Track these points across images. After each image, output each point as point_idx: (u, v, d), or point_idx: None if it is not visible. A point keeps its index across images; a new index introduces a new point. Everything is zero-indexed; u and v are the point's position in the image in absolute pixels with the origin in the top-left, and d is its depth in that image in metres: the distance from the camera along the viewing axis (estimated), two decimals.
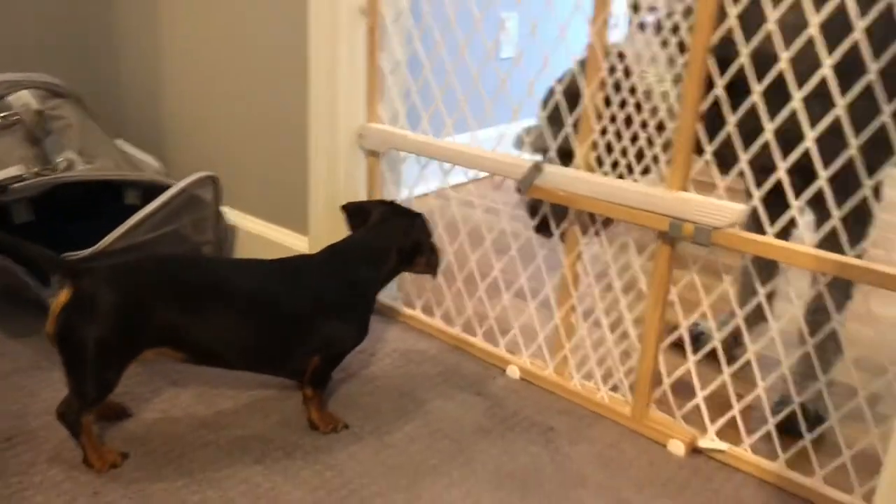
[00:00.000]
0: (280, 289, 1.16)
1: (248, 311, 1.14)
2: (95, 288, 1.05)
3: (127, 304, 1.06)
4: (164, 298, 1.09)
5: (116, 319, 1.05)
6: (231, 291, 1.14)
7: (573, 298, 1.32)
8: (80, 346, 1.05)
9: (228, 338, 1.13)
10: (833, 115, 0.99)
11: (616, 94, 1.18)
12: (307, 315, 1.16)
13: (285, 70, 1.55)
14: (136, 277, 1.10)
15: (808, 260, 1.02)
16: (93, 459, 1.09)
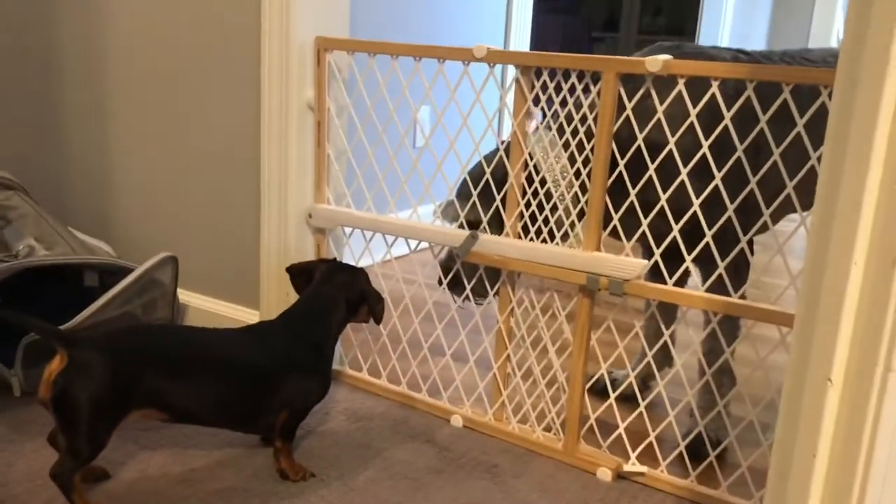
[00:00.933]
0: (250, 352, 1.31)
1: (225, 373, 1.27)
2: (89, 354, 1.17)
3: (117, 367, 1.18)
4: (150, 363, 1.21)
5: (108, 382, 1.17)
6: (209, 357, 1.28)
7: (508, 350, 1.51)
8: (75, 407, 1.15)
9: (208, 398, 1.26)
10: (712, 185, 1.24)
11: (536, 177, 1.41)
12: (275, 374, 1.30)
13: (238, 158, 1.71)
14: (125, 344, 1.23)
15: (701, 301, 1.25)
16: None
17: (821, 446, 0.83)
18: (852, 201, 0.78)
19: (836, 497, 0.82)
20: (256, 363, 1.30)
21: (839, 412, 0.82)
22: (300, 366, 1.33)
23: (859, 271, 0.79)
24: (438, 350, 1.67)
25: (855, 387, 0.80)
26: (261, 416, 1.31)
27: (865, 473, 0.79)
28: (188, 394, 1.25)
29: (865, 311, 0.79)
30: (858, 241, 0.78)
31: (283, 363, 1.31)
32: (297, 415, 1.34)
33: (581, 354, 1.39)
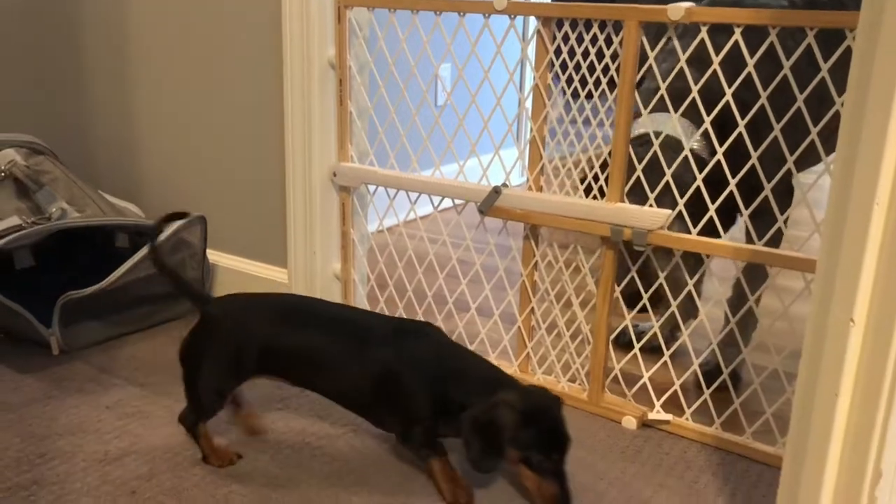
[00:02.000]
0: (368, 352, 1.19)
1: (341, 363, 1.20)
2: (217, 314, 1.22)
3: (241, 332, 1.21)
4: (274, 334, 1.21)
5: (228, 344, 1.21)
6: (333, 338, 1.21)
7: (532, 304, 1.52)
8: (193, 361, 1.22)
9: (326, 381, 1.23)
10: (770, 136, 1.23)
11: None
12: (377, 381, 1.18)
13: (263, 118, 1.73)
14: (256, 310, 1.24)
15: (727, 250, 1.25)
16: (212, 459, 1.25)
17: (843, 386, 0.84)
18: (875, 143, 0.78)
19: (858, 436, 0.83)
20: (368, 363, 1.19)
21: (861, 352, 0.82)
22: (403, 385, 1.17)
23: (882, 211, 0.79)
24: (463, 306, 1.69)
25: (877, 326, 0.80)
26: (371, 413, 1.24)
27: (887, 412, 0.80)
28: (306, 371, 1.23)
29: (888, 249, 0.79)
30: (881, 182, 0.78)
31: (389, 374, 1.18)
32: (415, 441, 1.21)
33: (605, 307, 1.40)
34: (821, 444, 0.87)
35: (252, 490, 1.20)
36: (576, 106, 1.46)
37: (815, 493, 0.88)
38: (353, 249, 1.73)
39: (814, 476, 0.88)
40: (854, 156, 0.81)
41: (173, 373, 1.53)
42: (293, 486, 1.21)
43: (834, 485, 0.87)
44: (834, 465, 0.86)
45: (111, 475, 1.23)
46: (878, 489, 0.82)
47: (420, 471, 1.25)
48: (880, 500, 0.82)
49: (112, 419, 1.39)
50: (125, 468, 1.25)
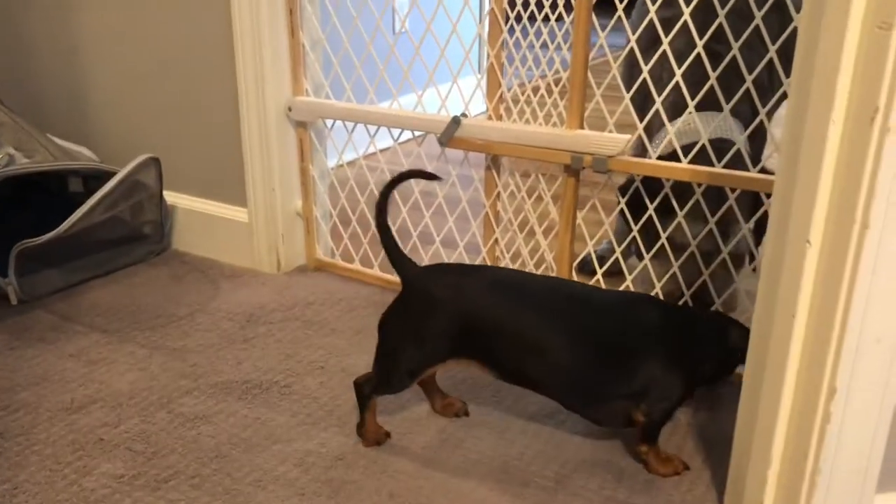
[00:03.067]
0: (608, 319, 1.09)
1: (570, 338, 1.07)
2: (420, 288, 1.10)
3: (445, 309, 1.08)
4: (484, 312, 1.07)
5: (430, 322, 1.08)
6: (556, 314, 1.08)
7: (496, 234, 1.52)
8: (388, 334, 1.12)
9: (543, 365, 1.08)
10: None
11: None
12: (632, 352, 1.07)
13: (211, 52, 1.67)
14: (462, 284, 1.09)
15: (685, 173, 1.25)
16: (366, 432, 1.16)
17: (800, 307, 0.85)
18: (830, 58, 0.77)
19: (814, 355, 0.85)
20: (613, 333, 1.08)
21: (817, 272, 0.83)
22: (665, 353, 1.07)
23: (837, 130, 0.78)
24: (428, 238, 1.69)
25: (832, 246, 0.81)
26: (605, 402, 1.08)
27: (841, 331, 0.81)
28: (521, 355, 1.08)
29: (843, 169, 0.79)
30: (837, 99, 0.77)
31: (643, 341, 1.08)
32: (657, 419, 1.09)
33: (567, 234, 1.40)
34: (779, 362, 0.89)
35: (221, 430, 1.20)
36: (532, 30, 1.42)
37: (773, 409, 0.90)
38: (314, 186, 1.70)
39: (772, 393, 0.90)
40: (810, 73, 0.80)
41: (136, 317, 1.53)
42: (261, 426, 1.22)
43: (791, 401, 0.89)
44: (791, 383, 0.88)
45: (77, 424, 1.22)
46: (832, 404, 0.83)
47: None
48: (834, 414, 0.84)
49: (76, 367, 1.37)
50: (91, 416, 1.24)
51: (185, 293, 1.64)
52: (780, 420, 0.90)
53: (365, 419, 1.17)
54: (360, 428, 1.18)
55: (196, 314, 1.56)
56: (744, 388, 1.00)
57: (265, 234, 1.71)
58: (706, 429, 1.21)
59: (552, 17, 1.39)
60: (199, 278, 1.72)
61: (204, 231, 1.81)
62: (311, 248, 1.75)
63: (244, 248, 1.75)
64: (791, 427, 0.89)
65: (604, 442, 1.18)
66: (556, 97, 1.39)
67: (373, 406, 1.16)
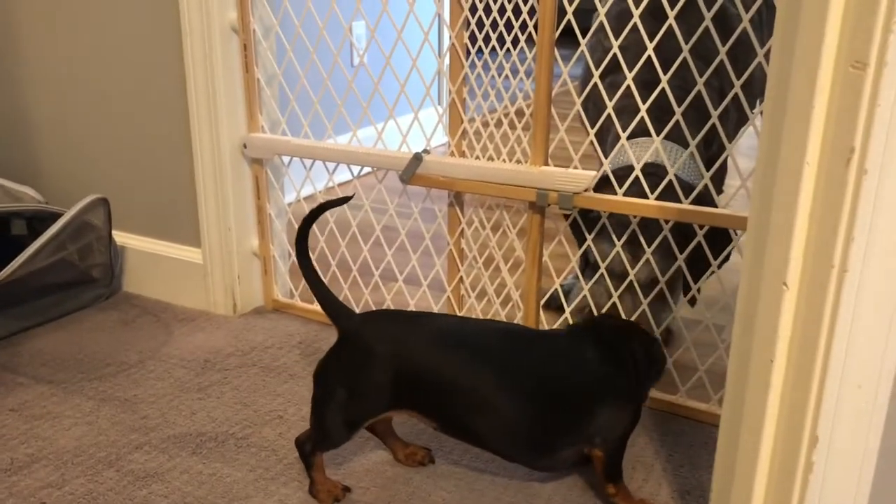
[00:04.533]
0: (559, 363, 1.06)
1: (516, 386, 1.03)
2: (356, 338, 1.05)
3: (382, 361, 1.03)
4: (423, 365, 1.04)
5: (367, 373, 1.04)
6: (504, 362, 1.04)
7: (461, 272, 1.48)
8: (324, 387, 1.06)
9: (493, 416, 1.03)
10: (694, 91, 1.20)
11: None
12: (588, 396, 1.04)
13: (162, 88, 1.61)
14: (401, 333, 1.06)
15: (654, 210, 1.22)
16: (320, 493, 1.10)
17: (778, 351, 0.82)
18: (803, 98, 0.75)
19: (794, 402, 0.81)
20: (568, 377, 1.05)
21: (795, 316, 0.80)
22: (612, 387, 1.05)
23: (812, 172, 0.76)
24: (390, 276, 1.64)
25: (811, 290, 0.78)
26: (557, 450, 1.06)
27: (822, 376, 0.78)
28: (460, 407, 1.03)
29: (819, 212, 0.76)
30: (811, 141, 0.75)
31: (589, 383, 1.05)
32: (615, 449, 1.06)
33: (534, 271, 1.37)
34: (757, 409, 0.85)
35: (173, 489, 1.14)
36: (495, 65, 1.40)
37: (752, 458, 0.87)
38: (271, 224, 1.65)
39: (751, 441, 0.87)
40: (782, 112, 0.78)
41: (83, 366, 1.45)
42: (217, 482, 1.15)
43: (771, 450, 0.85)
44: (770, 431, 0.85)
45: (18, 485, 1.14)
46: (815, 453, 0.80)
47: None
48: (817, 464, 0.81)
49: (17, 423, 1.29)
50: (33, 476, 1.16)
51: (136, 339, 1.57)
52: (759, 469, 0.86)
53: (314, 479, 1.11)
54: (312, 488, 1.12)
55: (147, 361, 1.48)
56: (721, 436, 0.97)
57: (220, 274, 1.65)
58: (681, 477, 1.17)
59: (513, 51, 1.37)
60: (151, 322, 1.64)
61: (156, 273, 1.74)
62: (269, 288, 1.69)
63: (198, 289, 1.68)
64: (771, 477, 0.86)
65: (576, 491, 1.14)
66: (519, 132, 1.36)
67: (319, 463, 1.11)
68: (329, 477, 1.13)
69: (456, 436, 1.10)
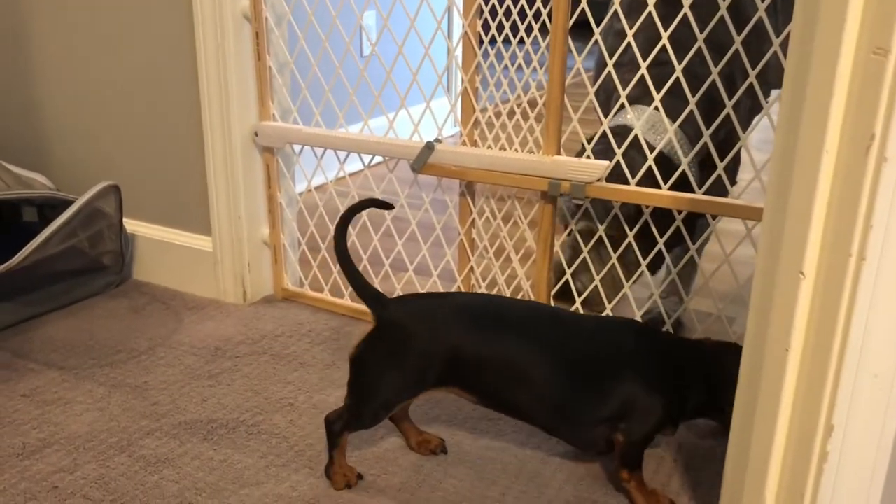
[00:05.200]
0: (584, 341, 1.08)
1: (545, 363, 1.05)
2: (395, 320, 1.07)
3: (423, 341, 1.06)
4: (463, 340, 1.05)
5: (408, 355, 1.06)
6: (530, 337, 1.07)
7: (471, 262, 1.47)
8: (362, 369, 1.07)
9: (521, 391, 1.06)
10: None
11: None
12: (610, 375, 1.06)
13: (174, 76, 1.61)
14: (438, 315, 1.07)
15: (668, 200, 1.22)
16: (334, 473, 1.11)
17: (794, 341, 0.81)
18: (823, 84, 0.74)
19: (809, 391, 0.81)
20: (591, 356, 1.07)
21: (812, 305, 0.80)
22: (645, 375, 1.06)
23: (831, 160, 0.75)
24: (400, 266, 1.64)
25: (828, 278, 0.78)
26: (586, 426, 1.07)
27: (839, 365, 0.78)
28: (499, 382, 1.06)
29: (837, 199, 0.76)
30: (830, 128, 0.74)
31: (623, 364, 1.07)
32: (636, 440, 1.06)
33: (545, 262, 1.36)
34: (772, 398, 0.85)
35: (184, 474, 1.14)
36: (508, 54, 1.39)
37: (766, 447, 0.87)
38: (281, 213, 1.65)
39: (765, 430, 0.87)
40: (801, 100, 0.78)
41: (94, 353, 1.45)
42: (227, 468, 1.15)
43: (785, 439, 0.85)
44: (785, 420, 0.84)
45: (30, 470, 1.14)
46: (829, 443, 0.80)
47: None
48: (832, 454, 0.80)
49: (29, 408, 1.30)
50: (45, 461, 1.17)
51: (147, 326, 1.57)
52: (773, 459, 0.86)
53: (334, 459, 1.11)
54: (329, 468, 1.12)
55: (158, 349, 1.49)
56: (734, 425, 0.96)
57: (230, 263, 1.65)
58: (694, 466, 1.17)
59: (527, 40, 1.36)
60: (161, 310, 1.64)
61: (166, 261, 1.74)
62: (279, 277, 1.69)
63: (208, 278, 1.69)
64: (785, 466, 0.86)
65: (587, 481, 1.14)
66: (532, 122, 1.36)
67: (343, 444, 1.11)
68: (347, 463, 1.13)
69: (496, 408, 1.11)
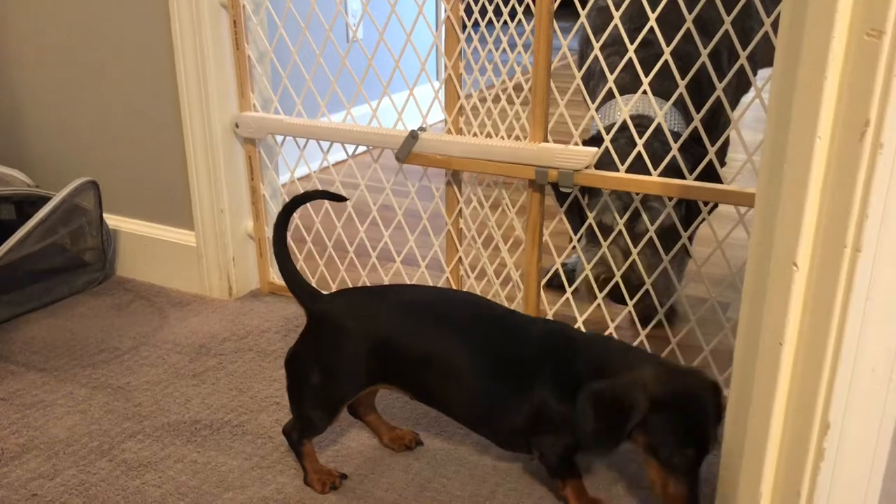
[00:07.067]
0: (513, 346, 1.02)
1: (469, 361, 1.01)
2: (326, 317, 1.04)
3: (355, 338, 1.02)
4: (394, 336, 1.02)
5: (340, 353, 1.03)
6: (459, 335, 1.02)
7: (459, 252, 1.44)
8: (299, 371, 1.04)
9: (447, 389, 1.03)
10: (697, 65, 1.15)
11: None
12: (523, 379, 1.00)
13: (151, 67, 1.57)
14: (370, 308, 1.05)
15: (657, 187, 1.18)
16: (313, 481, 1.08)
17: (788, 334, 0.78)
18: (815, 68, 0.71)
19: (804, 386, 0.78)
20: (513, 357, 1.01)
21: (806, 298, 0.77)
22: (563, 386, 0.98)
23: (824, 146, 0.72)
24: (388, 256, 1.60)
25: (822, 270, 0.75)
26: (502, 428, 1.03)
27: (835, 360, 0.75)
28: (430, 378, 1.03)
29: (831, 188, 0.72)
30: (823, 113, 0.71)
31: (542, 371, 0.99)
32: (546, 451, 1.01)
33: (534, 251, 1.33)
34: (766, 394, 0.82)
35: (167, 478, 1.11)
36: (492, 38, 1.35)
37: (760, 446, 0.84)
38: (265, 205, 1.61)
39: (759, 429, 0.84)
40: (792, 85, 0.74)
41: (76, 353, 1.42)
42: (211, 471, 1.13)
43: (780, 436, 0.82)
44: (780, 417, 0.82)
45: (8, 477, 1.12)
46: (826, 441, 0.77)
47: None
48: (828, 451, 0.77)
49: (8, 412, 1.27)
50: (24, 467, 1.14)
51: (130, 324, 1.54)
52: (768, 457, 0.83)
53: (306, 467, 1.09)
54: (306, 477, 1.09)
55: (141, 347, 1.45)
56: (727, 421, 0.94)
57: (215, 257, 1.62)
58: None
59: (511, 24, 1.32)
60: (145, 307, 1.61)
61: (149, 256, 1.71)
62: (265, 271, 1.66)
63: (192, 273, 1.65)
64: (780, 465, 0.83)
65: None
66: (517, 107, 1.32)
67: (308, 451, 1.08)
68: (324, 465, 1.11)
69: (429, 405, 1.08)
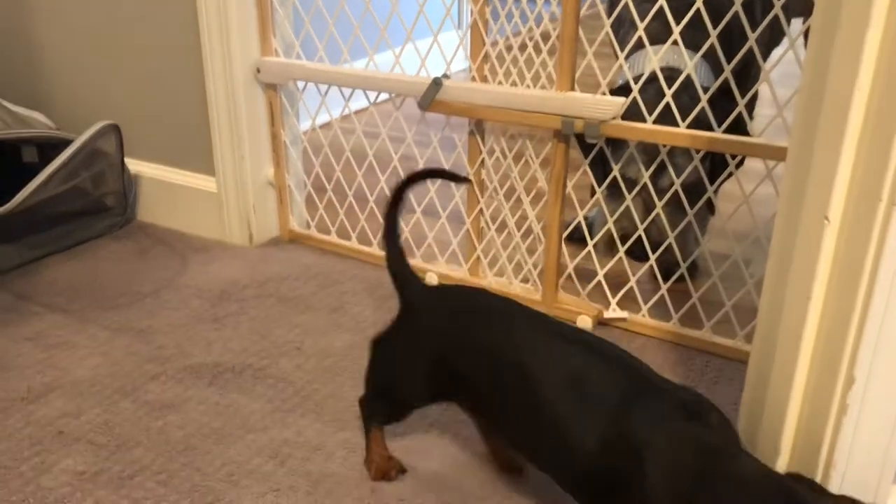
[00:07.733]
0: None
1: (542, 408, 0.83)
2: (414, 307, 0.97)
3: (428, 342, 0.93)
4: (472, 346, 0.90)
5: (413, 350, 0.95)
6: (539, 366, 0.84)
7: (480, 203, 1.43)
8: (383, 362, 0.99)
9: (522, 433, 0.87)
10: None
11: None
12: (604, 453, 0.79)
13: (173, 10, 1.55)
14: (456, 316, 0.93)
15: (684, 139, 1.17)
16: (369, 462, 1.02)
17: (815, 289, 0.78)
18: (858, 14, 0.68)
19: (830, 341, 0.78)
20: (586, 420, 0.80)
21: (836, 252, 0.76)
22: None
23: (863, 98, 0.70)
24: (408, 207, 1.59)
25: (854, 225, 0.73)
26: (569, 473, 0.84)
27: (863, 315, 0.74)
28: (498, 412, 0.89)
29: (868, 142, 0.71)
30: (864, 64, 0.69)
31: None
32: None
33: (557, 202, 1.32)
34: (790, 348, 0.82)
35: (190, 420, 1.13)
36: None
37: (783, 399, 0.84)
38: (286, 152, 1.61)
39: (783, 381, 0.84)
40: (832, 35, 0.72)
41: (98, 296, 1.44)
42: (233, 413, 1.14)
43: (803, 390, 0.82)
44: (804, 371, 0.82)
45: (35, 415, 1.14)
46: (849, 395, 0.77)
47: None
48: (851, 406, 0.77)
49: (33, 352, 1.28)
50: (50, 406, 1.16)
51: (151, 269, 1.55)
52: (790, 410, 0.84)
53: (368, 446, 1.03)
54: (367, 459, 1.03)
55: (163, 291, 1.47)
56: (749, 374, 0.94)
57: (235, 204, 1.62)
58: None
59: None
60: (166, 252, 1.62)
61: (170, 202, 1.71)
62: (285, 218, 1.66)
63: (213, 219, 1.66)
64: (802, 418, 0.83)
65: None
66: (544, 56, 1.30)
67: (376, 436, 1.02)
68: (389, 453, 1.03)
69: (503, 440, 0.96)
